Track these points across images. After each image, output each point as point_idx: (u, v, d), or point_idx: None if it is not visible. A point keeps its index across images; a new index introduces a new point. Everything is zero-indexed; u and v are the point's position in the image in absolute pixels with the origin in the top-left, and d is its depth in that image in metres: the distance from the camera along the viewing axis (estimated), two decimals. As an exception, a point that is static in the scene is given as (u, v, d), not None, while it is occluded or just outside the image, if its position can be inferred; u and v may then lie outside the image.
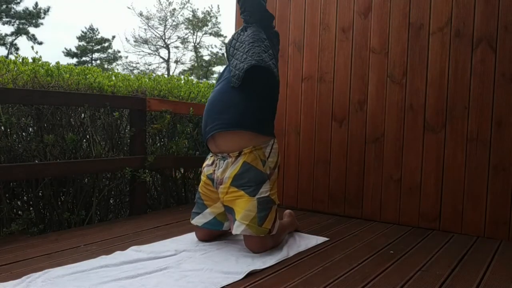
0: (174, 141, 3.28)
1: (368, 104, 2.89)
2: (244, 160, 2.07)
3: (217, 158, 2.16)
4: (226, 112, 2.09)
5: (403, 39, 2.75)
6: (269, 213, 2.04)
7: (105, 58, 29.72)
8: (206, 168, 2.22)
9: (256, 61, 2.05)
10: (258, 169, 2.07)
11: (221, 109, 2.11)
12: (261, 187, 2.05)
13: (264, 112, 2.17)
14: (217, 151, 2.15)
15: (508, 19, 2.42)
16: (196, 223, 2.23)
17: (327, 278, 1.75)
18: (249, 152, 2.08)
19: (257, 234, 2.01)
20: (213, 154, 2.19)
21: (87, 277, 1.67)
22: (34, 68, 2.65)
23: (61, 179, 2.75)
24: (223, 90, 2.15)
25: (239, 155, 2.08)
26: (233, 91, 2.10)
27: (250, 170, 2.06)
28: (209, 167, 2.20)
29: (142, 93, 3.13)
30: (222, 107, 2.11)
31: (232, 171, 2.07)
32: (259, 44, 2.11)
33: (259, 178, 2.07)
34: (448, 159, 2.60)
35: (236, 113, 2.08)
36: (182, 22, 27.24)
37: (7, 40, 25.17)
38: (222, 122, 2.08)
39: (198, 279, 1.69)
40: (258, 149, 2.10)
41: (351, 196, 2.96)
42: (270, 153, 2.14)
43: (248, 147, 2.08)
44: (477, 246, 2.31)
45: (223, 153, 2.12)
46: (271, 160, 2.14)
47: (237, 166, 2.07)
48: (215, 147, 2.15)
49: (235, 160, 2.08)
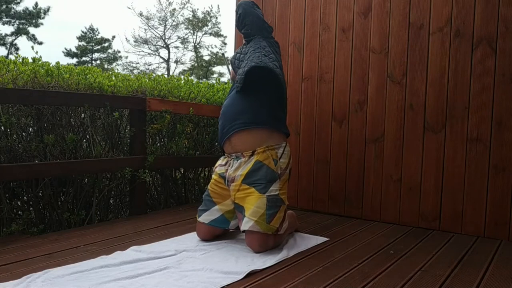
0: (174, 141, 3.28)
1: (368, 104, 2.89)
2: (256, 158, 2.15)
3: (231, 158, 2.23)
4: (242, 113, 2.20)
5: (403, 39, 2.75)
6: (277, 212, 2.08)
7: (105, 58, 29.72)
8: (218, 168, 2.30)
9: (255, 63, 2.14)
10: (270, 167, 2.14)
11: (238, 111, 2.22)
12: (271, 185, 2.11)
13: (276, 110, 2.28)
14: (232, 151, 2.23)
15: (508, 19, 2.42)
16: (203, 220, 2.25)
17: (327, 278, 1.75)
18: (262, 151, 2.15)
19: (265, 231, 2.04)
20: (227, 155, 2.27)
21: (87, 277, 1.67)
22: (34, 68, 2.65)
23: (61, 179, 2.75)
24: (236, 96, 2.26)
25: (252, 154, 2.16)
26: (245, 95, 2.22)
27: (262, 168, 2.13)
28: (222, 166, 2.28)
29: (142, 93, 3.13)
30: (238, 110, 2.23)
31: (245, 169, 2.14)
32: (260, 50, 2.22)
33: (270, 176, 2.13)
34: (448, 159, 2.60)
35: (251, 113, 2.20)
36: (182, 22, 27.26)
37: (7, 40, 25.18)
38: (240, 122, 2.19)
39: (198, 279, 1.69)
40: (271, 149, 2.18)
41: (351, 196, 2.96)
42: (282, 154, 2.22)
43: (261, 146, 2.16)
44: (477, 246, 2.31)
45: (237, 153, 2.20)
46: (282, 161, 2.20)
47: (250, 165, 2.14)
48: (231, 147, 2.23)
49: (248, 159, 2.16)
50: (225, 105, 2.32)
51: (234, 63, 2.37)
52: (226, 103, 2.33)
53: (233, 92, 2.30)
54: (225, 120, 2.26)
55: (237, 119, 2.20)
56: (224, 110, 2.31)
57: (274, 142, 2.20)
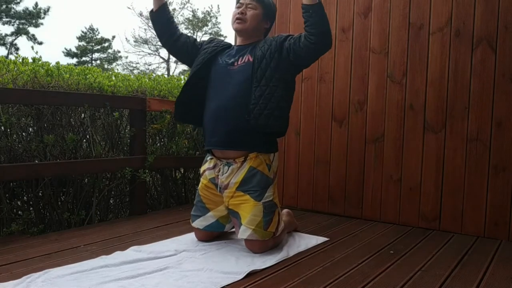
0: (174, 141, 3.28)
1: (368, 104, 2.89)
2: (250, 165, 2.07)
3: (221, 164, 2.13)
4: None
5: (403, 39, 2.75)
6: (273, 217, 2.06)
7: (105, 58, 29.72)
8: (208, 172, 2.18)
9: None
10: (264, 173, 2.08)
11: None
12: (266, 191, 2.07)
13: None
14: (222, 157, 2.13)
15: (508, 19, 2.42)
16: (197, 226, 2.22)
17: (327, 278, 1.75)
18: (254, 157, 2.08)
19: (263, 238, 2.03)
20: (216, 158, 2.16)
21: (87, 277, 1.67)
22: (34, 68, 2.65)
23: (61, 179, 2.75)
24: (240, 86, 2.14)
25: (244, 160, 2.08)
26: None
27: (257, 175, 2.06)
28: (210, 170, 2.17)
29: (142, 93, 3.13)
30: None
31: (239, 177, 2.07)
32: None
33: (265, 182, 2.07)
34: (448, 159, 2.60)
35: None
36: (182, 22, 27.23)
37: (7, 40, 25.18)
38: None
39: (198, 279, 1.69)
40: (264, 153, 2.11)
41: (351, 196, 2.96)
42: (274, 157, 2.16)
43: (254, 152, 2.08)
44: (477, 246, 2.31)
45: (228, 159, 2.11)
46: (274, 164, 2.15)
47: (244, 171, 2.07)
48: (220, 153, 2.13)
49: (240, 165, 2.08)
50: (222, 98, 2.11)
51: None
52: (222, 92, 2.11)
53: (237, 76, 2.09)
54: (218, 122, 2.10)
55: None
56: (220, 105, 2.10)
57: (267, 146, 2.13)
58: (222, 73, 2.15)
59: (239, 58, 2.14)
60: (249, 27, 2.16)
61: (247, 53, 2.14)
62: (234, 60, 2.15)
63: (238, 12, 2.16)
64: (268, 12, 2.22)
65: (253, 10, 2.16)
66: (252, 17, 2.16)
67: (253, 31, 2.19)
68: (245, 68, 2.10)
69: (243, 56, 2.14)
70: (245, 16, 2.15)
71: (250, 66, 2.08)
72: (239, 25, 2.16)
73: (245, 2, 2.17)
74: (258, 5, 2.17)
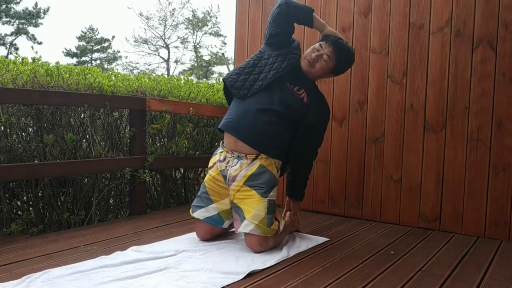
0: (174, 141, 3.28)
1: (368, 104, 2.88)
2: (260, 163, 2.12)
3: (232, 156, 2.16)
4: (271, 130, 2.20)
5: (403, 39, 2.75)
6: (274, 216, 2.12)
7: (105, 58, 29.73)
8: (218, 164, 2.20)
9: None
10: (273, 173, 2.14)
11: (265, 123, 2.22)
12: (271, 190, 2.12)
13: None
14: (234, 149, 2.16)
15: (508, 19, 2.42)
16: (197, 216, 2.23)
17: (327, 278, 1.75)
18: (265, 157, 2.13)
19: (266, 234, 2.05)
20: (228, 150, 2.18)
21: (87, 277, 1.67)
22: (34, 68, 2.64)
23: (61, 179, 2.75)
24: (273, 103, 2.23)
25: (255, 158, 2.12)
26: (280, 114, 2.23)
27: (265, 173, 2.11)
28: (221, 162, 2.19)
29: (142, 93, 3.12)
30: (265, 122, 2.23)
31: (248, 171, 2.11)
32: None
33: (272, 182, 2.13)
34: (448, 159, 2.60)
35: (278, 141, 2.21)
36: (182, 22, 27.24)
37: (6, 40, 25.18)
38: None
39: (198, 279, 1.69)
40: (274, 158, 2.19)
41: (351, 196, 2.96)
42: (281, 163, 2.24)
43: (266, 154, 2.15)
44: (477, 246, 2.31)
45: (240, 153, 2.14)
46: (280, 168, 2.25)
47: (254, 168, 2.11)
48: (234, 145, 2.15)
49: (251, 162, 2.12)
50: (259, 101, 2.16)
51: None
52: (261, 99, 2.16)
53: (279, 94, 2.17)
54: (248, 119, 2.14)
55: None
56: (261, 104, 2.15)
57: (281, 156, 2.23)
58: (279, 81, 2.20)
59: (298, 87, 2.24)
60: (314, 74, 2.28)
61: (305, 92, 2.24)
62: (293, 83, 2.23)
63: (313, 57, 2.23)
64: (337, 69, 2.31)
65: (325, 63, 2.24)
66: (322, 69, 2.26)
67: (314, 78, 2.33)
68: (299, 101, 2.21)
69: (300, 89, 2.23)
70: (315, 63, 2.24)
71: (302, 106, 2.21)
72: (306, 67, 2.26)
73: (325, 52, 2.23)
74: (333, 59, 2.24)
